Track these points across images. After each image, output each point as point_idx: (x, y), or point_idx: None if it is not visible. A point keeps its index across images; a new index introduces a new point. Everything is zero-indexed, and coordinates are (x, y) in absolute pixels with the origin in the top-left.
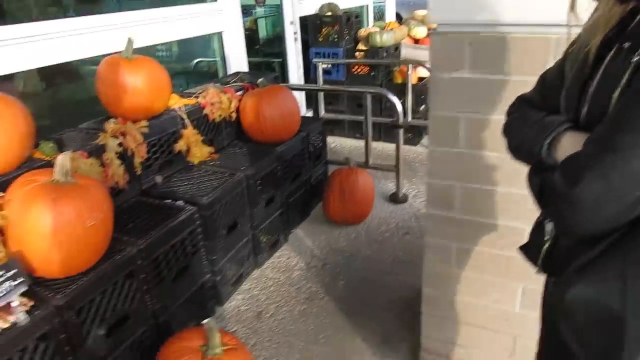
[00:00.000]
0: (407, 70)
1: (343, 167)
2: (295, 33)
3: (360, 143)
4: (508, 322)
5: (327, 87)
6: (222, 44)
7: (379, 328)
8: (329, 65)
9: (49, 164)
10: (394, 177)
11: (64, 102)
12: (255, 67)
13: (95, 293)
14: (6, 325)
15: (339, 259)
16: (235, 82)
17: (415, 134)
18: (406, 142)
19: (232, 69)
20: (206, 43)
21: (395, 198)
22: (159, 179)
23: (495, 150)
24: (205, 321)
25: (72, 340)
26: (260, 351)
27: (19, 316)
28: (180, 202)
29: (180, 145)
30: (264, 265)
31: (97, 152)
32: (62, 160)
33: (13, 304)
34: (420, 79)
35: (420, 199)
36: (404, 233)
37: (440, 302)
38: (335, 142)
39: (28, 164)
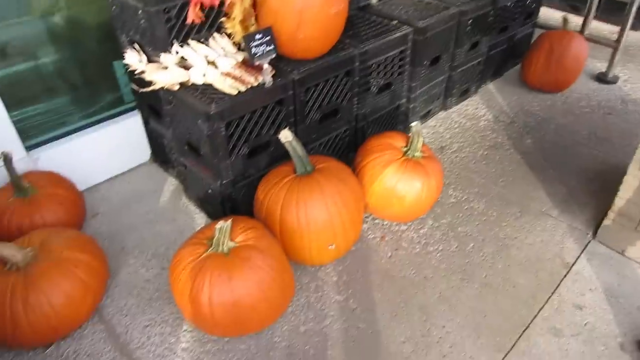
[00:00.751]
0: None
1: (556, 30)
2: None
3: (572, 18)
4: None
5: None
6: None
7: (563, 187)
8: None
9: None
10: (603, 57)
11: None
12: None
13: (320, 79)
14: (257, 83)
15: (529, 120)
16: None
17: None
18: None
19: None
20: None
21: (603, 77)
22: (374, 0)
23: None
24: (413, 124)
25: (297, 113)
26: None
27: (267, 78)
28: (395, 22)
29: None
30: (452, 109)
31: None
32: None
33: (264, 67)
34: None
35: (632, 84)
36: (607, 113)
37: None
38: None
39: None
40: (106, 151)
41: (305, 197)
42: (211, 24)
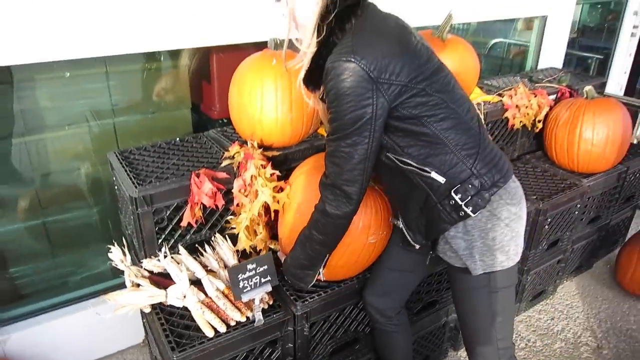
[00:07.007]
0: None
1: None
2: (635, 27)
3: None
4: None
5: None
6: (543, 31)
7: None
8: None
9: None
10: None
11: None
12: (565, 63)
13: (334, 308)
14: (244, 319)
15: (623, 346)
16: (549, 81)
17: None
18: None
19: (543, 62)
20: (509, 23)
21: None
22: None
23: None
24: None
25: (299, 351)
26: None
27: (257, 315)
28: None
29: None
30: (519, 317)
31: None
32: None
33: (255, 302)
34: None
35: None
36: None
37: None
38: None
39: None
40: (95, 330)
41: None
42: (214, 223)
